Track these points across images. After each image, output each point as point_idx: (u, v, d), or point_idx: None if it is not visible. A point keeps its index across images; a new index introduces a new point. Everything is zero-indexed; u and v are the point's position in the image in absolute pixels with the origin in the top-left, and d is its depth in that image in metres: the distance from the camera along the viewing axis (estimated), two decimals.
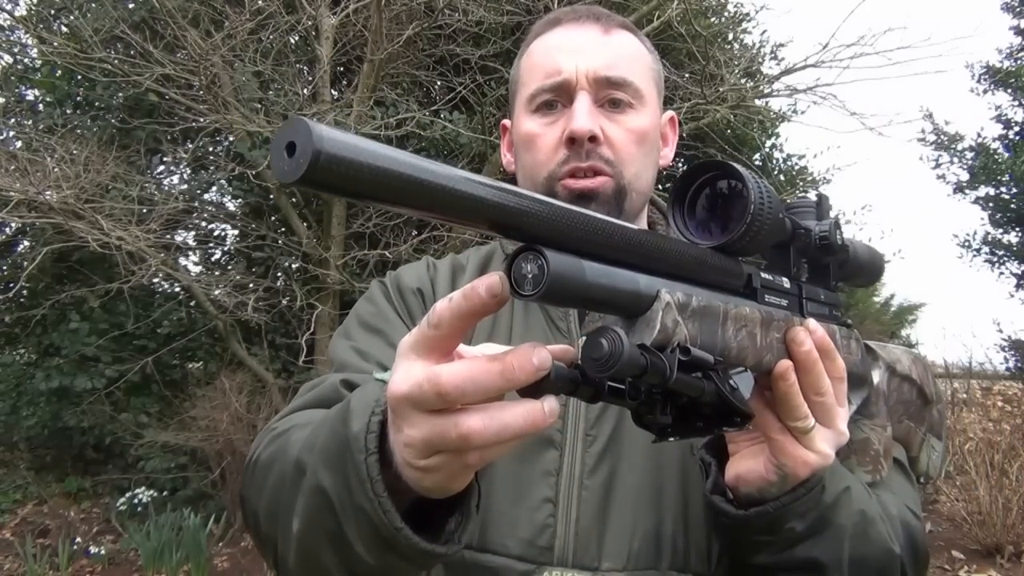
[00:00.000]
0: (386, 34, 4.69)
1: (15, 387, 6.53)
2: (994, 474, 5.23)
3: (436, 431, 0.53)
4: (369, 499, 0.59)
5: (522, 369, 0.50)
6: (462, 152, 5.75)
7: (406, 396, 0.54)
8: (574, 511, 0.86)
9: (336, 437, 0.63)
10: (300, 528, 0.67)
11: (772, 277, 0.73)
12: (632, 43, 0.99)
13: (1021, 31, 12.43)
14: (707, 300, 0.60)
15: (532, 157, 0.96)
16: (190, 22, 5.10)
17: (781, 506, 0.73)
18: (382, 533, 0.60)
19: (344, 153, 0.40)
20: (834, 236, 0.78)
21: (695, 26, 5.04)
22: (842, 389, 0.73)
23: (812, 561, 0.77)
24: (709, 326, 0.60)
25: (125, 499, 5.72)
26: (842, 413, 0.73)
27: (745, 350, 0.64)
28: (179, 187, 6.60)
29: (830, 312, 0.81)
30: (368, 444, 0.60)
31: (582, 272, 0.50)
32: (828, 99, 5.53)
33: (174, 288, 6.43)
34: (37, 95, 6.93)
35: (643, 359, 0.51)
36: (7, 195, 4.55)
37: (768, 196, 0.67)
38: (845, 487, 0.78)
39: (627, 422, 0.88)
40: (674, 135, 1.08)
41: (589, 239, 0.52)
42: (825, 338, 0.71)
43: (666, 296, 0.56)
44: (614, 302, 0.54)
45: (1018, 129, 12.43)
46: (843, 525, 0.77)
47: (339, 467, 0.62)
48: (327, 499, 0.63)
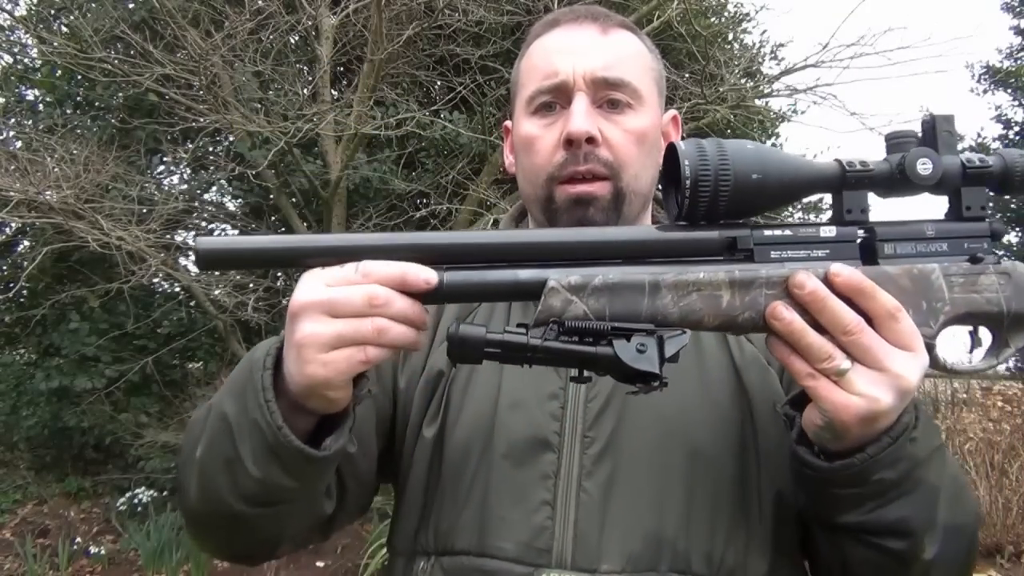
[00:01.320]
0: (386, 34, 4.68)
1: (15, 387, 6.53)
2: (994, 474, 5.23)
3: (350, 327, 0.68)
4: (260, 405, 0.71)
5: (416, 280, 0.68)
6: (462, 152, 5.75)
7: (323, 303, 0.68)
8: (572, 513, 0.85)
9: (242, 369, 0.76)
10: (201, 454, 0.77)
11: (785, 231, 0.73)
12: (631, 43, 0.99)
13: (1021, 31, 12.45)
14: (620, 277, 0.70)
15: (531, 159, 0.96)
16: (190, 22, 5.09)
17: (868, 458, 0.72)
18: (268, 440, 0.71)
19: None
20: (912, 166, 0.72)
21: (695, 26, 5.04)
22: (899, 328, 0.69)
23: (903, 522, 0.75)
24: (625, 299, 0.69)
25: (125, 499, 5.72)
26: (903, 355, 0.69)
27: (696, 312, 0.70)
28: (179, 187, 6.60)
29: (948, 246, 0.76)
30: (266, 363, 0.73)
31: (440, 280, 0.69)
32: (828, 99, 5.53)
33: (174, 288, 6.43)
34: (37, 95, 6.93)
35: (494, 335, 0.67)
36: (7, 195, 4.54)
37: (716, 160, 0.69)
38: (938, 445, 0.77)
39: (628, 423, 0.88)
40: (677, 134, 1.08)
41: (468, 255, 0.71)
42: (851, 278, 0.69)
43: (552, 282, 0.69)
44: (500, 293, 0.72)
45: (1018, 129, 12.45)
46: (936, 486, 0.75)
47: (239, 391, 0.74)
48: (227, 424, 0.74)
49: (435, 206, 5.54)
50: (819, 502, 0.80)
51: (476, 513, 0.88)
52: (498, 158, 4.99)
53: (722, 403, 0.90)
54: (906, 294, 0.72)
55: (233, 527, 0.81)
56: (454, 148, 5.84)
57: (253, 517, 0.78)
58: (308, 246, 0.72)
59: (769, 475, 0.89)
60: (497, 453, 0.89)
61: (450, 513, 0.90)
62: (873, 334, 0.69)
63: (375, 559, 4.36)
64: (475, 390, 0.93)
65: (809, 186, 0.73)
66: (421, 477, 0.94)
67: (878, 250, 0.75)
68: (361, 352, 0.69)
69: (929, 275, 0.74)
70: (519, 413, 0.90)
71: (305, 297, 0.69)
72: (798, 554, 0.94)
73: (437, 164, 6.01)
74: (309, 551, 5.13)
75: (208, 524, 0.83)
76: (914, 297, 0.73)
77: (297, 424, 0.75)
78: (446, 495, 0.91)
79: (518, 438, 0.88)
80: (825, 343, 0.69)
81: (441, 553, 0.89)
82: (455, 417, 0.93)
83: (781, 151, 0.75)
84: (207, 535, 0.87)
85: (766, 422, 0.90)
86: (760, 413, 0.90)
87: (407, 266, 0.69)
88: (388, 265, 0.69)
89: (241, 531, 0.82)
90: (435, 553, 0.90)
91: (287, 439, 0.72)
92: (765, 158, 0.71)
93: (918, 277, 0.73)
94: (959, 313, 0.74)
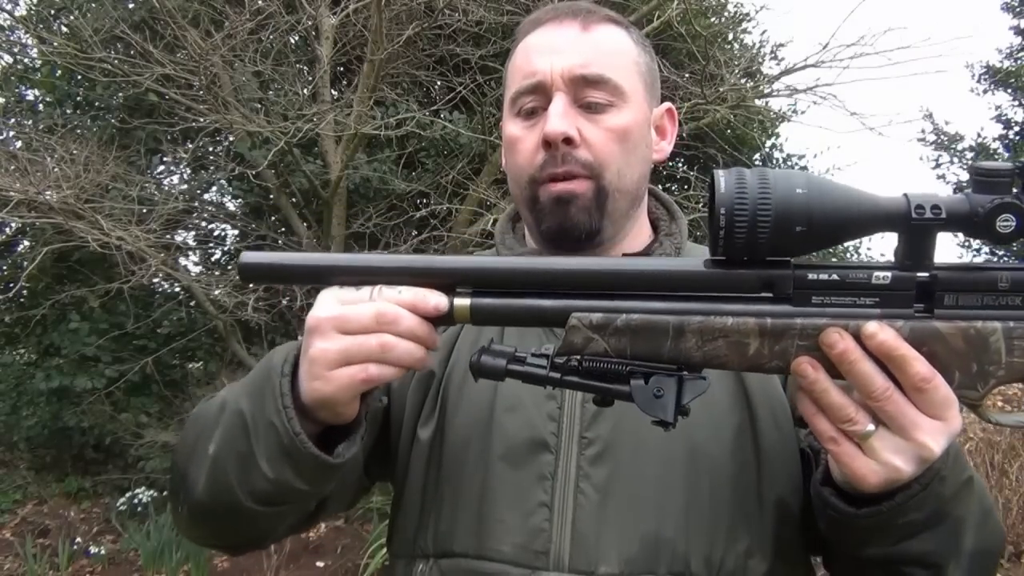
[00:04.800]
0: (386, 34, 4.68)
1: (15, 387, 6.52)
2: (994, 474, 5.22)
3: (356, 344, 0.70)
4: (278, 411, 0.73)
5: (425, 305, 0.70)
6: (462, 152, 5.75)
7: (335, 319, 0.71)
8: (569, 515, 0.85)
9: (260, 372, 0.79)
10: (215, 449, 0.79)
11: (832, 275, 0.67)
12: (615, 37, 0.97)
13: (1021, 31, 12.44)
14: (643, 319, 0.68)
15: (515, 160, 0.97)
16: (190, 22, 5.09)
17: (896, 505, 0.70)
18: (284, 442, 0.73)
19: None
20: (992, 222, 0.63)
21: (695, 26, 5.04)
22: (928, 399, 0.65)
23: (927, 555, 0.74)
24: (647, 341, 0.68)
25: (125, 499, 5.71)
26: (931, 424, 0.66)
27: (720, 357, 0.68)
28: (179, 187, 6.60)
29: (1023, 300, 0.68)
30: (284, 369, 0.75)
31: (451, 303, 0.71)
32: (828, 99, 5.52)
33: (174, 288, 6.42)
34: (37, 95, 6.92)
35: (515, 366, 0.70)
36: (7, 195, 4.54)
37: (756, 200, 0.64)
38: (967, 478, 0.75)
39: (627, 424, 0.88)
40: (673, 127, 1.06)
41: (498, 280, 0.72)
42: (884, 344, 0.65)
43: (574, 320, 0.69)
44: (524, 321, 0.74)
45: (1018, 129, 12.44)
46: (962, 517, 0.74)
47: (258, 392, 0.76)
48: (243, 420, 0.77)
49: (435, 206, 5.54)
50: (842, 538, 0.79)
51: (474, 515, 0.88)
52: (498, 158, 4.99)
53: (722, 405, 0.90)
54: (957, 355, 0.67)
55: (235, 520, 0.83)
56: (454, 148, 5.84)
57: (257, 513, 0.80)
58: (344, 265, 0.74)
59: (770, 477, 0.88)
60: (494, 455, 0.89)
61: (448, 515, 0.90)
62: (902, 401, 0.66)
63: (375, 559, 4.36)
64: (471, 392, 0.93)
65: (868, 228, 0.66)
66: (418, 479, 0.94)
67: (937, 299, 0.67)
68: (362, 371, 0.71)
69: (988, 336, 0.66)
70: (516, 415, 0.90)
71: (319, 313, 0.72)
72: (801, 556, 0.94)
73: (437, 164, 6.01)
74: (309, 551, 5.13)
75: (210, 516, 0.85)
76: (966, 359, 0.67)
77: (308, 427, 0.76)
78: (444, 497, 0.91)
79: (515, 440, 0.88)
80: (848, 405, 0.67)
81: (440, 556, 0.89)
82: (452, 419, 0.93)
83: (840, 188, 0.65)
84: (205, 526, 0.89)
85: (767, 424, 0.90)
86: (761, 415, 0.89)
87: (418, 291, 0.71)
88: (403, 290, 0.71)
89: (241, 525, 0.84)
90: (434, 556, 0.90)
91: (303, 445, 0.74)
92: (813, 207, 0.64)
93: (975, 338, 0.67)
94: (1014, 378, 0.68)
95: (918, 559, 0.75)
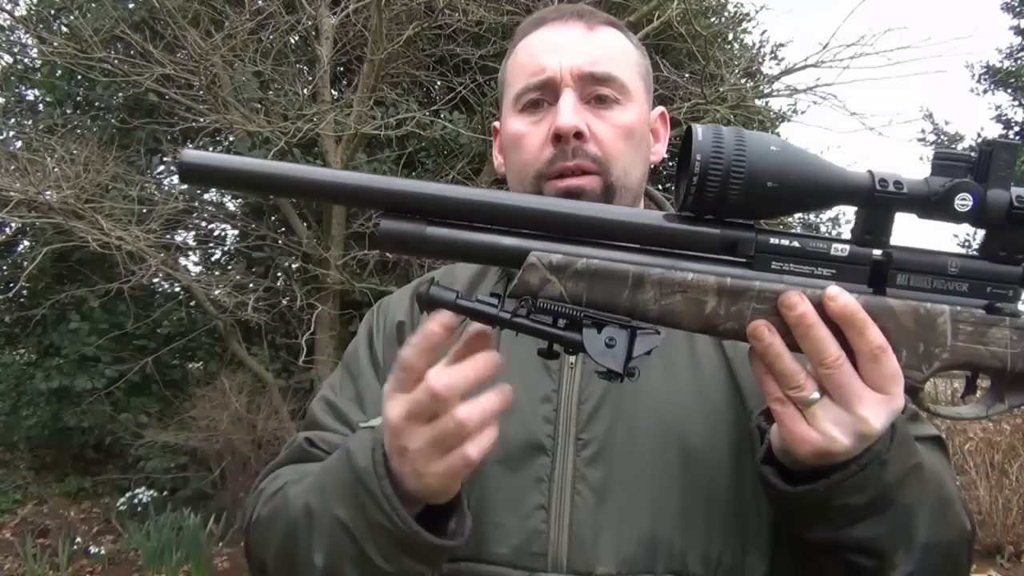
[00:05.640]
0: (386, 34, 4.68)
1: (15, 387, 6.53)
2: (994, 474, 5.23)
3: (438, 430, 0.68)
4: (387, 514, 0.72)
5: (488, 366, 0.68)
6: (462, 152, 5.75)
7: (404, 417, 0.68)
8: (567, 516, 0.85)
9: (344, 476, 0.76)
10: (324, 560, 0.77)
11: (793, 243, 0.68)
12: (617, 39, 0.99)
13: (1021, 31, 12.45)
14: (603, 264, 0.67)
15: (519, 157, 0.96)
16: (190, 22, 5.10)
17: (831, 485, 0.70)
18: (400, 540, 0.72)
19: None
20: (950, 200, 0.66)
21: (695, 26, 5.04)
22: (879, 370, 0.66)
23: (872, 541, 0.73)
24: (605, 287, 0.67)
25: (125, 499, 5.72)
26: (875, 398, 0.66)
27: (677, 314, 0.67)
28: (179, 187, 6.60)
29: (968, 287, 0.70)
30: (378, 471, 0.73)
31: (422, 231, 0.67)
32: (828, 99, 5.53)
33: (174, 288, 6.43)
34: (37, 95, 6.93)
35: (464, 301, 0.67)
36: (7, 195, 4.55)
37: (732, 155, 0.64)
38: (914, 464, 0.74)
39: (621, 424, 0.88)
40: (665, 131, 1.07)
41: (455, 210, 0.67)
42: (846, 307, 0.65)
43: (532, 258, 0.67)
44: (479, 256, 0.70)
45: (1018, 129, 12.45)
46: (912, 505, 0.73)
47: (352, 499, 0.75)
48: (346, 529, 0.75)
49: None
50: (787, 519, 0.79)
51: (472, 519, 0.88)
52: None
53: (716, 402, 0.90)
54: (906, 333, 0.68)
55: None
56: (454, 148, 5.84)
57: None
58: (290, 176, 0.68)
59: None
60: (492, 459, 0.88)
61: None
62: (850, 372, 0.67)
63: None
64: None
65: (833, 198, 0.68)
66: None
67: (890, 278, 0.69)
68: (462, 460, 0.69)
69: (936, 318, 0.68)
70: (513, 417, 0.89)
71: (392, 415, 0.70)
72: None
73: (437, 164, 6.01)
74: None
75: None
76: (914, 338, 0.68)
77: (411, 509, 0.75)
78: None
79: (512, 443, 0.88)
80: (798, 371, 0.67)
81: None
82: None
83: (810, 155, 0.67)
84: None
85: None
86: (754, 411, 0.90)
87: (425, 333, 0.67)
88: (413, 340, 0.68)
89: None
90: None
91: (424, 539, 0.73)
92: (786, 165, 0.65)
93: (924, 317, 0.68)
94: (957, 362, 0.69)
95: (862, 545, 0.74)
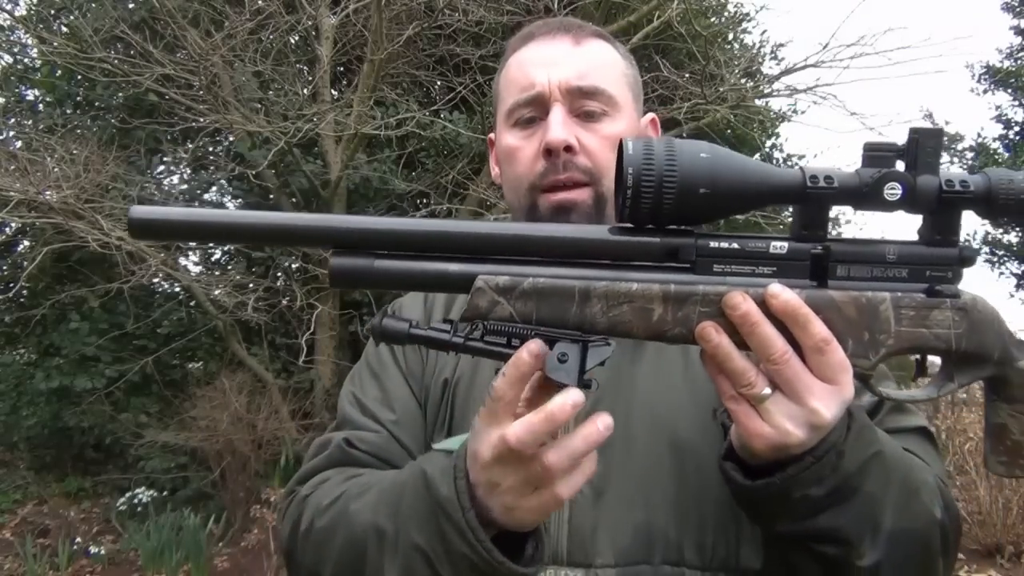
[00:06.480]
0: (386, 34, 4.68)
1: (15, 387, 6.54)
2: None
3: (530, 472, 0.69)
4: (471, 545, 0.72)
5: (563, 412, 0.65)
6: (462, 152, 5.76)
7: (494, 459, 0.69)
8: (566, 510, 0.88)
9: (423, 503, 0.77)
10: None
11: (733, 244, 0.70)
12: (605, 51, 1.01)
13: (1021, 31, 12.45)
14: (549, 282, 0.68)
15: (513, 170, 0.99)
16: (190, 22, 5.10)
17: (788, 477, 0.71)
18: (482, 569, 0.73)
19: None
20: (879, 190, 0.67)
21: (695, 26, 5.04)
22: (826, 361, 0.67)
23: (836, 531, 0.74)
24: (553, 305, 0.68)
25: (125, 499, 5.72)
26: (825, 389, 0.68)
27: (625, 324, 0.69)
28: (179, 187, 6.61)
29: (908, 273, 0.71)
30: (463, 502, 0.73)
31: (370, 265, 0.68)
32: (828, 99, 5.53)
33: (174, 288, 6.43)
34: (37, 95, 6.94)
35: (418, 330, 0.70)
36: (7, 195, 4.55)
37: (663, 166, 0.65)
38: (874, 452, 0.74)
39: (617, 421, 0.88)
40: (657, 136, 1.09)
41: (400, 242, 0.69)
42: (787, 304, 0.67)
43: (479, 282, 0.68)
44: (428, 284, 0.72)
45: (1018, 129, 12.46)
46: (873, 493, 0.74)
47: (432, 526, 0.75)
48: (423, 554, 0.76)
49: (435, 206, 5.55)
50: (751, 513, 0.80)
51: None
52: None
53: (707, 397, 0.91)
54: (849, 323, 0.70)
55: None
56: (454, 148, 5.85)
57: None
58: (241, 223, 0.70)
59: None
60: None
61: None
62: (798, 366, 0.68)
63: None
64: (477, 395, 0.95)
65: (767, 198, 0.70)
66: None
67: (830, 271, 0.70)
68: (554, 500, 0.70)
69: (878, 305, 0.70)
70: None
71: (485, 454, 0.70)
72: None
73: (437, 164, 6.01)
74: None
75: None
76: (857, 327, 0.70)
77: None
78: None
79: None
80: (748, 368, 0.68)
81: None
82: (459, 425, 0.96)
83: (740, 159, 0.69)
84: None
85: None
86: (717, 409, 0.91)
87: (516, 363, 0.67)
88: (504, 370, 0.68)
89: None
90: None
91: (509, 569, 0.73)
92: (717, 170, 0.67)
93: (865, 306, 0.70)
94: (903, 347, 0.71)
95: (827, 535, 0.75)
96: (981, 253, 12.86)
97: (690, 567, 0.87)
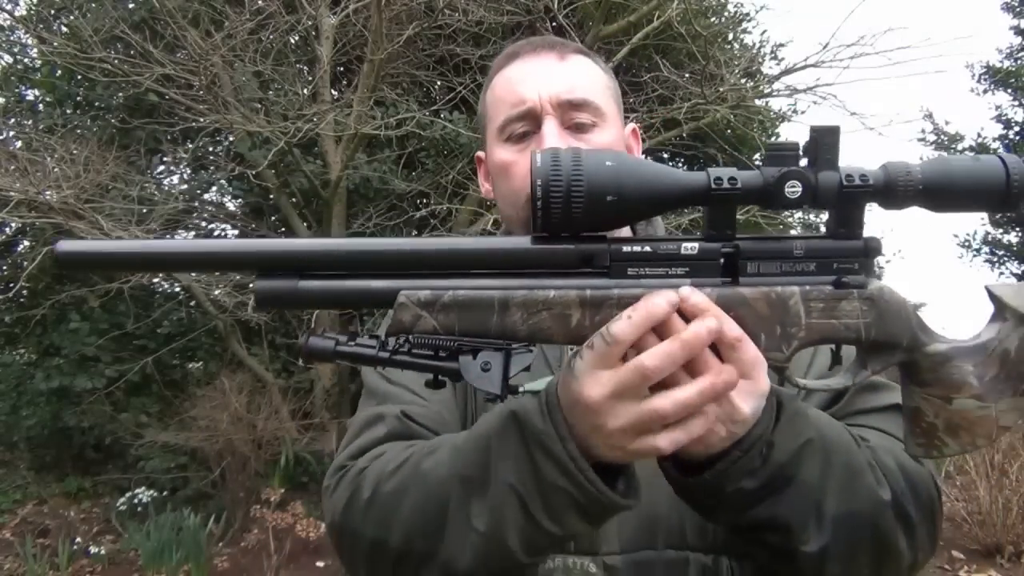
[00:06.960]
0: (386, 34, 4.68)
1: (15, 387, 6.53)
2: (994, 474, 5.22)
3: (637, 414, 0.67)
4: (571, 475, 0.72)
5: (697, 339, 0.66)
6: (462, 152, 5.76)
7: (611, 393, 0.68)
8: None
9: (515, 440, 0.76)
10: (488, 526, 0.77)
11: (645, 247, 0.71)
12: (588, 66, 1.05)
13: (1021, 31, 12.45)
14: (469, 295, 0.70)
15: (509, 184, 1.01)
16: (190, 22, 5.10)
17: (717, 473, 0.72)
18: (581, 502, 0.73)
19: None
20: (780, 188, 0.69)
21: (695, 26, 5.04)
22: (739, 358, 0.69)
23: (773, 520, 0.75)
24: (474, 316, 0.70)
25: (125, 499, 5.72)
26: (741, 385, 0.69)
27: (545, 331, 0.71)
28: (179, 187, 6.61)
29: (816, 266, 0.73)
30: (561, 433, 0.72)
31: (294, 286, 0.70)
32: (828, 99, 5.54)
33: (174, 288, 6.44)
34: (37, 95, 6.93)
35: (344, 347, 0.70)
36: (7, 195, 4.55)
37: (569, 176, 0.68)
38: (805, 440, 0.75)
39: None
40: (637, 145, 1.12)
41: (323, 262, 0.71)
42: (697, 305, 0.68)
43: (402, 297, 0.70)
44: (353, 302, 0.73)
45: (1018, 129, 12.45)
46: (809, 481, 0.75)
47: (526, 464, 0.74)
48: (517, 495, 0.75)
49: (435, 206, 5.55)
50: (692, 506, 0.81)
51: None
52: None
53: None
54: (761, 318, 0.71)
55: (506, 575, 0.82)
56: (454, 148, 5.85)
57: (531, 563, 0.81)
58: (166, 252, 0.74)
59: None
60: None
61: None
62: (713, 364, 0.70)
63: None
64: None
65: (675, 202, 0.72)
66: None
67: (741, 268, 0.72)
68: (650, 448, 0.70)
69: (788, 300, 0.72)
70: None
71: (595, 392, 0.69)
72: None
73: (437, 164, 6.01)
74: (309, 551, 5.14)
75: None
76: (770, 322, 0.72)
77: None
78: None
79: None
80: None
81: None
82: None
83: (646, 165, 0.72)
84: None
85: None
86: None
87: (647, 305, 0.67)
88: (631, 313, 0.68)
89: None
90: None
91: (610, 499, 0.73)
92: (622, 178, 0.69)
93: (776, 301, 0.72)
94: (814, 338, 0.73)
95: (766, 524, 0.76)
96: (981, 253, 12.86)
97: (693, 550, 0.89)
